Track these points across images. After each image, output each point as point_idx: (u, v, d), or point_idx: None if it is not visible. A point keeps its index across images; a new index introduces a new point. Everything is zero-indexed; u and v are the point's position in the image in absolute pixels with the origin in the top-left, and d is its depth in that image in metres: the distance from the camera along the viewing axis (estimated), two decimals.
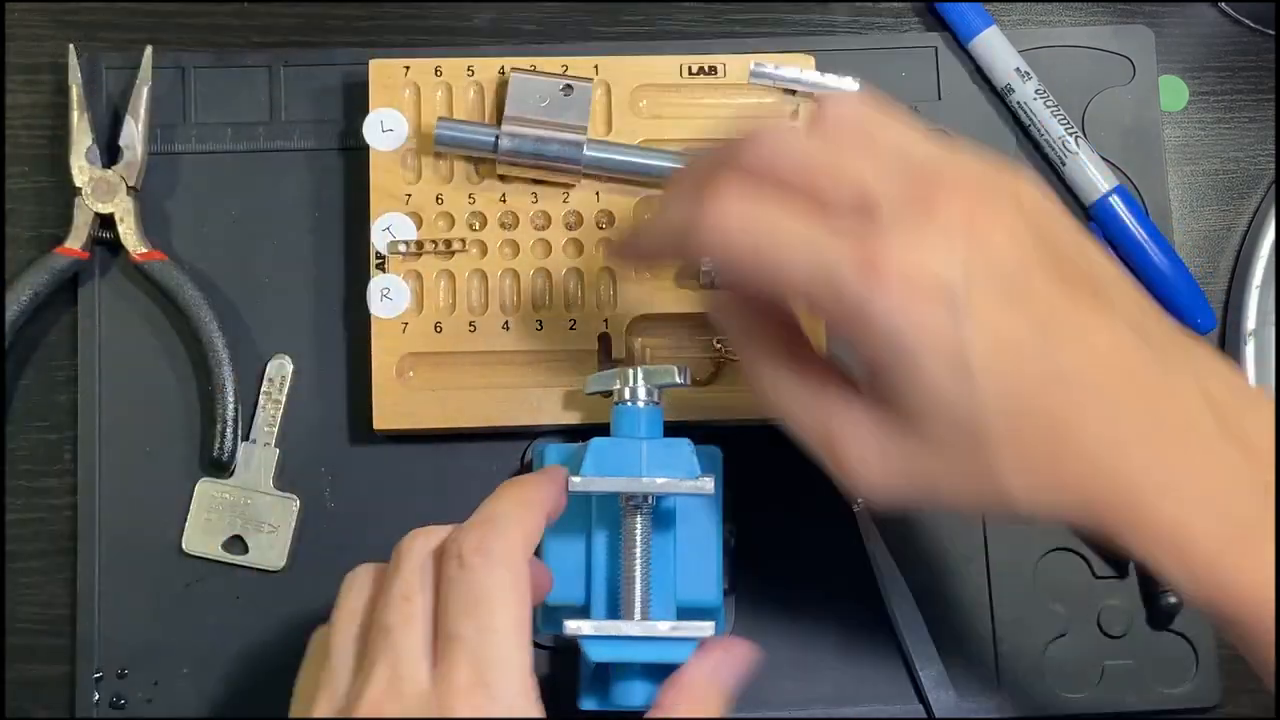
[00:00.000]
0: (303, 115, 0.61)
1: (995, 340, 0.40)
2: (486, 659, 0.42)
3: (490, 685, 0.41)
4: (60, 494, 0.58)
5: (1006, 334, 0.40)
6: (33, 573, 0.58)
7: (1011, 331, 0.40)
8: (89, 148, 0.59)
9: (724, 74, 0.60)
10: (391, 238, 0.58)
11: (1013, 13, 0.64)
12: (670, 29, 0.63)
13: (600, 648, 0.48)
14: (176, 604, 0.57)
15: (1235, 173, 0.63)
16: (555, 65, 0.59)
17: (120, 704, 0.56)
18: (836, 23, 0.64)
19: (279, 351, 0.59)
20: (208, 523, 0.58)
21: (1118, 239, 0.61)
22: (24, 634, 0.58)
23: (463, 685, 0.41)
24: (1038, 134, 0.61)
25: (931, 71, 0.62)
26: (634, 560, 0.49)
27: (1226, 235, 0.63)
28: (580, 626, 0.48)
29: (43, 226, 0.60)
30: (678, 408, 0.58)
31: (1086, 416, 0.40)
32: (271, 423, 0.59)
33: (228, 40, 0.62)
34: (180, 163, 0.61)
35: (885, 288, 0.40)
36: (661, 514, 0.50)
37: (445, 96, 0.59)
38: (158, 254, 0.59)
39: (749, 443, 0.55)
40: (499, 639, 0.42)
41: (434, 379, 0.58)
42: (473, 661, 0.42)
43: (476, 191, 0.59)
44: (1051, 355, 0.40)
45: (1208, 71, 0.64)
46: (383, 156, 0.58)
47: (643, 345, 0.59)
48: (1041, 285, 0.41)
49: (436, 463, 0.59)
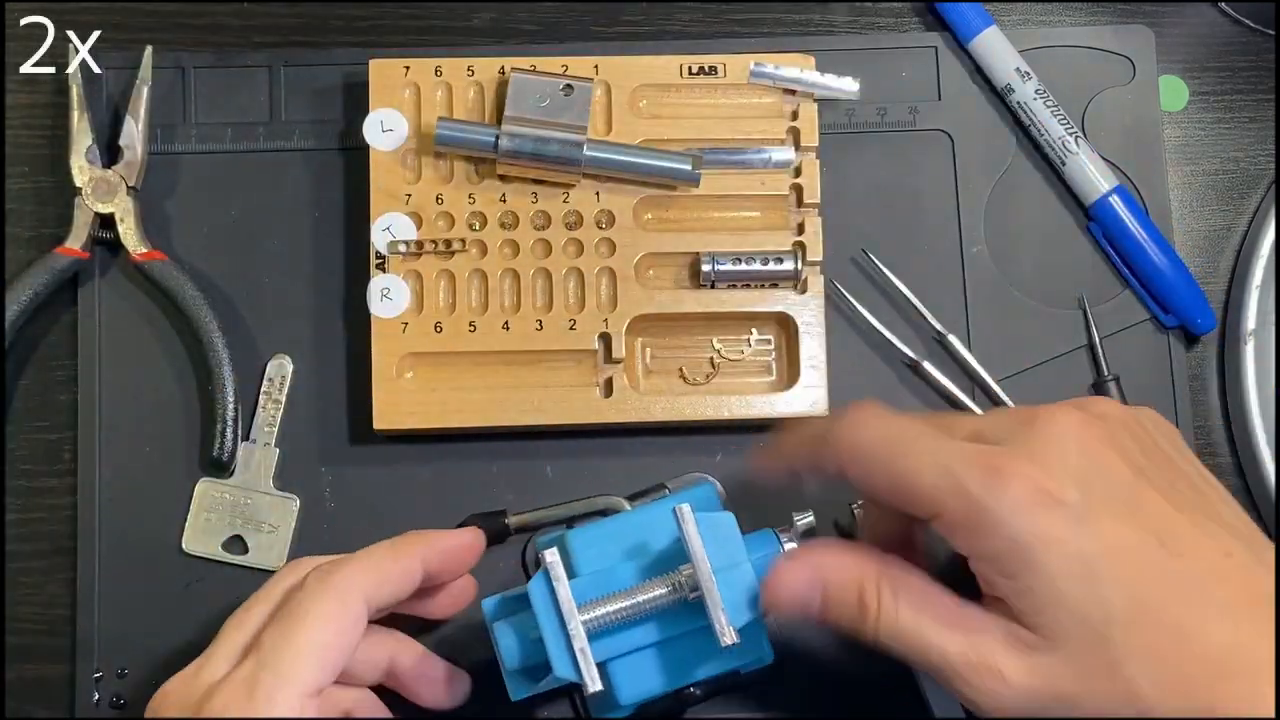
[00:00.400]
0: (303, 115, 0.61)
1: (1117, 548, 0.43)
2: (269, 666, 0.46)
3: (257, 690, 0.45)
4: (60, 494, 0.58)
5: (1127, 542, 0.43)
6: (33, 573, 0.58)
7: (1131, 540, 0.43)
8: (89, 148, 0.59)
9: (724, 74, 0.60)
10: (391, 238, 0.58)
11: (1013, 13, 0.64)
12: (670, 29, 0.63)
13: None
14: (176, 604, 0.57)
15: (1235, 173, 0.63)
16: (555, 65, 0.59)
17: (120, 704, 0.56)
18: (836, 23, 0.64)
19: (279, 351, 0.59)
20: (208, 523, 0.58)
21: (1118, 239, 0.61)
22: (24, 634, 0.58)
23: (235, 680, 0.46)
24: (1038, 134, 0.61)
25: (931, 71, 0.62)
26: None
27: (1226, 235, 0.63)
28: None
29: (43, 226, 0.60)
30: (675, 409, 0.58)
31: (1209, 623, 0.42)
32: (271, 423, 0.59)
33: (228, 40, 0.62)
34: (180, 163, 0.61)
35: (1010, 494, 0.43)
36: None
37: (445, 96, 0.59)
38: (158, 254, 0.59)
39: (745, 444, 0.55)
40: (290, 655, 0.46)
41: (434, 379, 0.58)
42: (257, 664, 0.46)
43: (476, 191, 0.59)
44: (1172, 565, 0.43)
45: (1208, 71, 0.64)
46: (383, 156, 0.58)
47: (643, 345, 0.59)
48: (1153, 499, 0.44)
49: (436, 463, 0.59)
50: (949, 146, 0.62)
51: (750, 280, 0.58)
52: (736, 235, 0.59)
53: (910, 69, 0.63)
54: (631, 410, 0.57)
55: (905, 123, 0.62)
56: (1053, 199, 0.62)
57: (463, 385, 0.58)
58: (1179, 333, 0.61)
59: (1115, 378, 0.60)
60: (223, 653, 0.48)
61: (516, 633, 0.49)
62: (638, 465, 0.59)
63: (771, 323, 0.59)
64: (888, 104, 0.62)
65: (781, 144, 0.60)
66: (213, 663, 0.48)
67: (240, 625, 0.49)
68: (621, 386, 0.58)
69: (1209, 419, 0.61)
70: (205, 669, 0.48)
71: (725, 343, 0.59)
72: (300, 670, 0.46)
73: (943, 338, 0.60)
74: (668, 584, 0.48)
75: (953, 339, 0.60)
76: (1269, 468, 0.59)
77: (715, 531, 0.49)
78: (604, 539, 0.50)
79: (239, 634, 0.49)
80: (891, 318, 0.60)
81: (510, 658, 0.49)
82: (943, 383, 0.59)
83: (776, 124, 0.60)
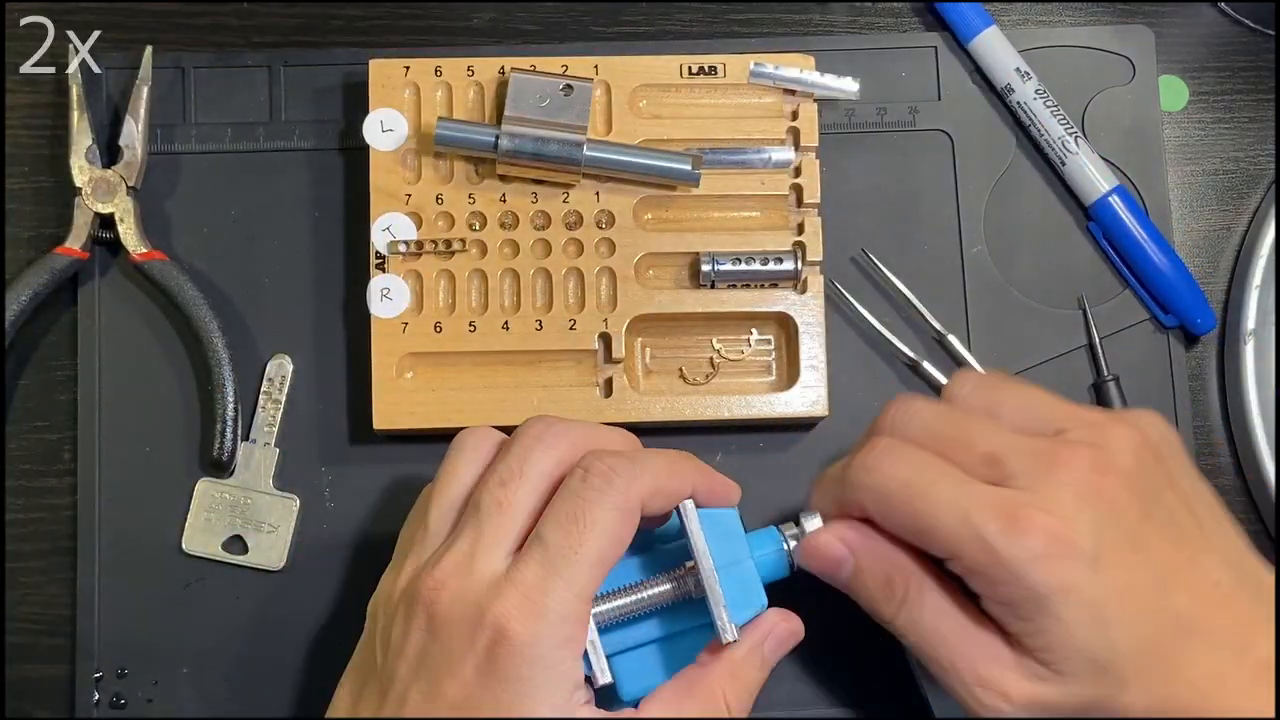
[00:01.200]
0: (303, 115, 0.61)
1: (1125, 592, 0.45)
2: (560, 574, 0.44)
3: (549, 598, 0.44)
4: (60, 494, 0.58)
5: (1133, 585, 0.45)
6: (33, 573, 0.58)
7: (1137, 582, 0.45)
8: (89, 148, 0.59)
9: (724, 74, 0.60)
10: (391, 238, 0.58)
11: (1013, 13, 0.64)
12: (670, 29, 0.63)
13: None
14: (176, 604, 0.57)
15: (1235, 173, 0.63)
16: (555, 65, 0.59)
17: (120, 704, 0.56)
18: (836, 23, 0.64)
19: (279, 351, 0.59)
20: (208, 523, 0.58)
21: (1118, 239, 0.61)
22: (24, 634, 0.58)
23: (525, 584, 0.44)
24: (1038, 134, 0.61)
25: (931, 71, 0.62)
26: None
27: (1226, 235, 0.63)
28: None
29: (43, 226, 0.60)
30: (675, 409, 0.58)
31: (1196, 654, 0.45)
32: (271, 423, 0.59)
33: (228, 40, 0.62)
34: (180, 163, 0.61)
35: (1027, 544, 0.44)
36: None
37: (445, 96, 0.59)
38: (158, 254, 0.59)
39: (745, 445, 0.55)
40: (578, 565, 0.45)
41: (434, 379, 0.58)
42: (543, 570, 0.45)
43: (476, 191, 0.59)
44: (1169, 602, 0.45)
45: (1208, 71, 0.64)
46: (383, 156, 0.58)
47: (643, 345, 0.59)
48: (1156, 541, 0.46)
49: (436, 463, 0.58)
50: (949, 146, 0.62)
51: (750, 280, 0.58)
52: (736, 235, 0.59)
53: (910, 69, 0.63)
54: (631, 410, 0.57)
55: (905, 123, 0.62)
56: (1053, 199, 0.62)
57: (463, 385, 0.58)
58: (1179, 333, 0.61)
59: (1115, 378, 0.60)
60: (496, 538, 0.46)
61: None
62: None
63: (771, 323, 0.59)
64: (887, 104, 0.62)
65: (781, 144, 0.60)
66: (483, 551, 0.45)
67: (502, 506, 0.46)
68: (621, 386, 0.58)
69: (1209, 419, 0.61)
70: (479, 557, 0.45)
71: (725, 343, 0.59)
72: (587, 581, 0.45)
73: (942, 338, 0.60)
74: (671, 580, 0.48)
75: (953, 339, 0.60)
76: (1269, 468, 0.59)
77: (718, 528, 0.49)
78: None
79: (504, 516, 0.46)
80: (891, 318, 0.60)
81: None
82: (943, 383, 0.59)
83: (776, 124, 0.60)
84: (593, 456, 0.47)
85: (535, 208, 0.59)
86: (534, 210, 0.59)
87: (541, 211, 0.59)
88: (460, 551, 0.46)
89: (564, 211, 0.59)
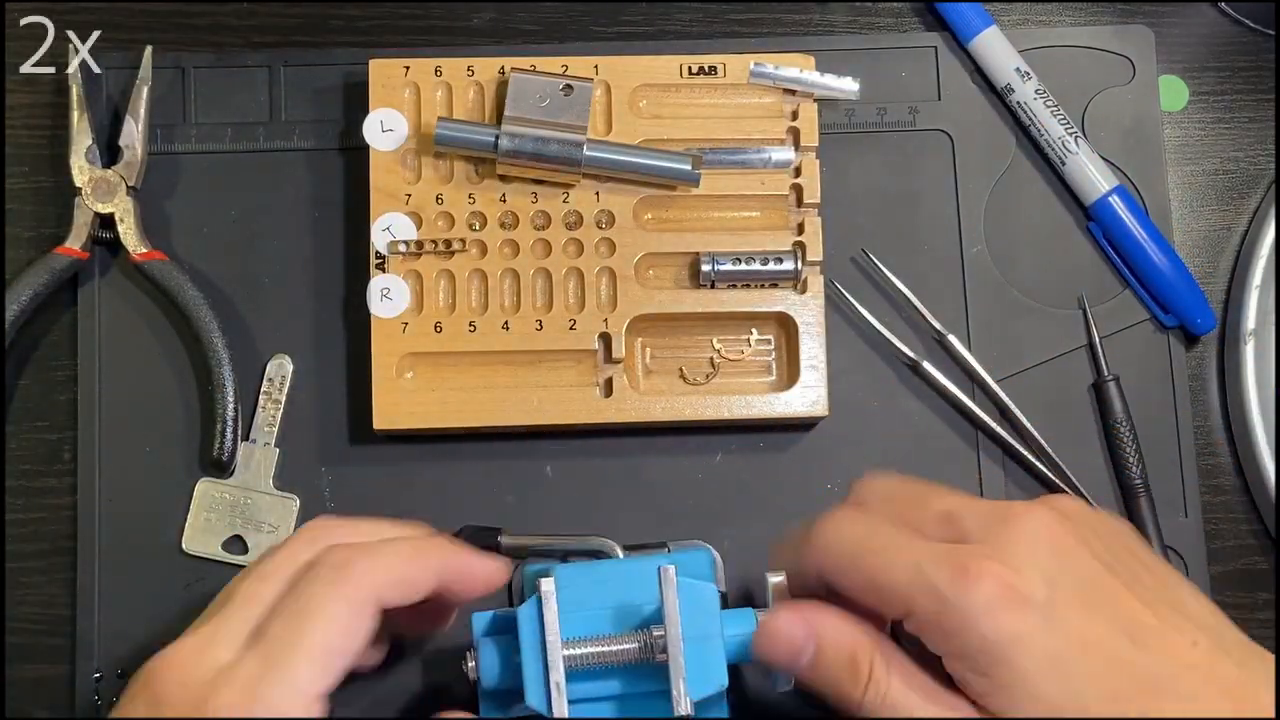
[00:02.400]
0: (303, 115, 0.61)
1: (1087, 642, 0.43)
2: (277, 665, 0.44)
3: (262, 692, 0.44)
4: (60, 494, 0.58)
5: (1096, 636, 0.43)
6: (33, 573, 0.58)
7: (1100, 634, 0.43)
8: (89, 148, 0.59)
9: (724, 74, 0.60)
10: (391, 238, 0.58)
11: (1013, 13, 0.64)
12: (670, 29, 0.63)
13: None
14: (176, 604, 0.57)
15: (1235, 173, 0.63)
16: (555, 65, 0.59)
17: None
18: (836, 23, 0.64)
19: (279, 351, 0.59)
20: (208, 523, 0.58)
21: (1118, 239, 0.61)
22: (24, 634, 0.58)
23: (240, 678, 0.44)
24: (1038, 134, 0.61)
25: (931, 71, 0.63)
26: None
27: (1226, 235, 0.63)
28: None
29: (43, 226, 0.60)
30: (675, 409, 0.58)
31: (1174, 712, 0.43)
32: (271, 423, 0.59)
33: (228, 40, 0.62)
34: (180, 163, 0.61)
35: (979, 593, 0.43)
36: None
37: (445, 96, 0.59)
38: (158, 254, 0.59)
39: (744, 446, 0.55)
40: (297, 657, 0.45)
41: (434, 379, 0.58)
42: (264, 663, 0.44)
43: (476, 191, 0.59)
44: (1139, 658, 0.43)
45: (1208, 71, 0.64)
46: (383, 156, 0.59)
47: (643, 345, 0.59)
48: (1120, 594, 0.44)
49: (436, 463, 0.59)
50: (949, 146, 0.62)
51: (750, 280, 0.58)
52: (736, 235, 0.59)
53: (910, 69, 0.63)
54: (631, 410, 0.57)
55: (905, 123, 0.62)
56: (1053, 199, 0.62)
57: (463, 385, 0.58)
58: (1179, 333, 0.61)
59: (1115, 378, 0.60)
60: (231, 629, 0.46)
61: (500, 653, 0.49)
62: (637, 465, 0.59)
63: (771, 323, 0.59)
64: (887, 104, 0.62)
65: (781, 144, 0.60)
66: (219, 640, 0.46)
67: (250, 599, 0.47)
68: (621, 386, 0.58)
69: (1209, 419, 0.61)
70: (211, 647, 0.46)
71: (725, 343, 0.59)
72: (307, 674, 0.45)
73: (942, 338, 0.60)
74: (638, 640, 0.48)
75: (953, 339, 0.60)
76: (1269, 468, 0.59)
77: (695, 600, 0.48)
78: (590, 582, 0.49)
79: (248, 608, 0.47)
80: (891, 318, 0.60)
81: (488, 677, 0.49)
82: (943, 383, 0.59)
83: (776, 124, 0.60)
84: (328, 549, 0.47)
85: (535, 208, 0.59)
86: (534, 210, 0.59)
87: (541, 211, 0.59)
88: (201, 636, 0.46)
89: (564, 211, 0.59)
